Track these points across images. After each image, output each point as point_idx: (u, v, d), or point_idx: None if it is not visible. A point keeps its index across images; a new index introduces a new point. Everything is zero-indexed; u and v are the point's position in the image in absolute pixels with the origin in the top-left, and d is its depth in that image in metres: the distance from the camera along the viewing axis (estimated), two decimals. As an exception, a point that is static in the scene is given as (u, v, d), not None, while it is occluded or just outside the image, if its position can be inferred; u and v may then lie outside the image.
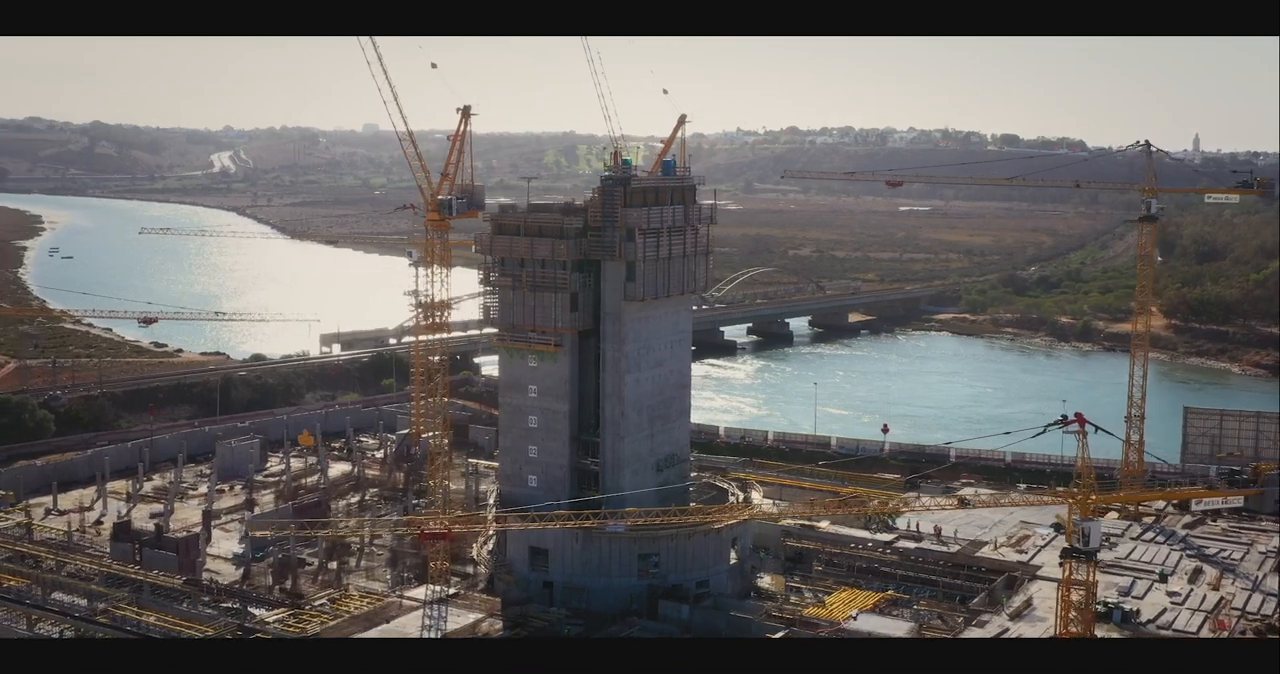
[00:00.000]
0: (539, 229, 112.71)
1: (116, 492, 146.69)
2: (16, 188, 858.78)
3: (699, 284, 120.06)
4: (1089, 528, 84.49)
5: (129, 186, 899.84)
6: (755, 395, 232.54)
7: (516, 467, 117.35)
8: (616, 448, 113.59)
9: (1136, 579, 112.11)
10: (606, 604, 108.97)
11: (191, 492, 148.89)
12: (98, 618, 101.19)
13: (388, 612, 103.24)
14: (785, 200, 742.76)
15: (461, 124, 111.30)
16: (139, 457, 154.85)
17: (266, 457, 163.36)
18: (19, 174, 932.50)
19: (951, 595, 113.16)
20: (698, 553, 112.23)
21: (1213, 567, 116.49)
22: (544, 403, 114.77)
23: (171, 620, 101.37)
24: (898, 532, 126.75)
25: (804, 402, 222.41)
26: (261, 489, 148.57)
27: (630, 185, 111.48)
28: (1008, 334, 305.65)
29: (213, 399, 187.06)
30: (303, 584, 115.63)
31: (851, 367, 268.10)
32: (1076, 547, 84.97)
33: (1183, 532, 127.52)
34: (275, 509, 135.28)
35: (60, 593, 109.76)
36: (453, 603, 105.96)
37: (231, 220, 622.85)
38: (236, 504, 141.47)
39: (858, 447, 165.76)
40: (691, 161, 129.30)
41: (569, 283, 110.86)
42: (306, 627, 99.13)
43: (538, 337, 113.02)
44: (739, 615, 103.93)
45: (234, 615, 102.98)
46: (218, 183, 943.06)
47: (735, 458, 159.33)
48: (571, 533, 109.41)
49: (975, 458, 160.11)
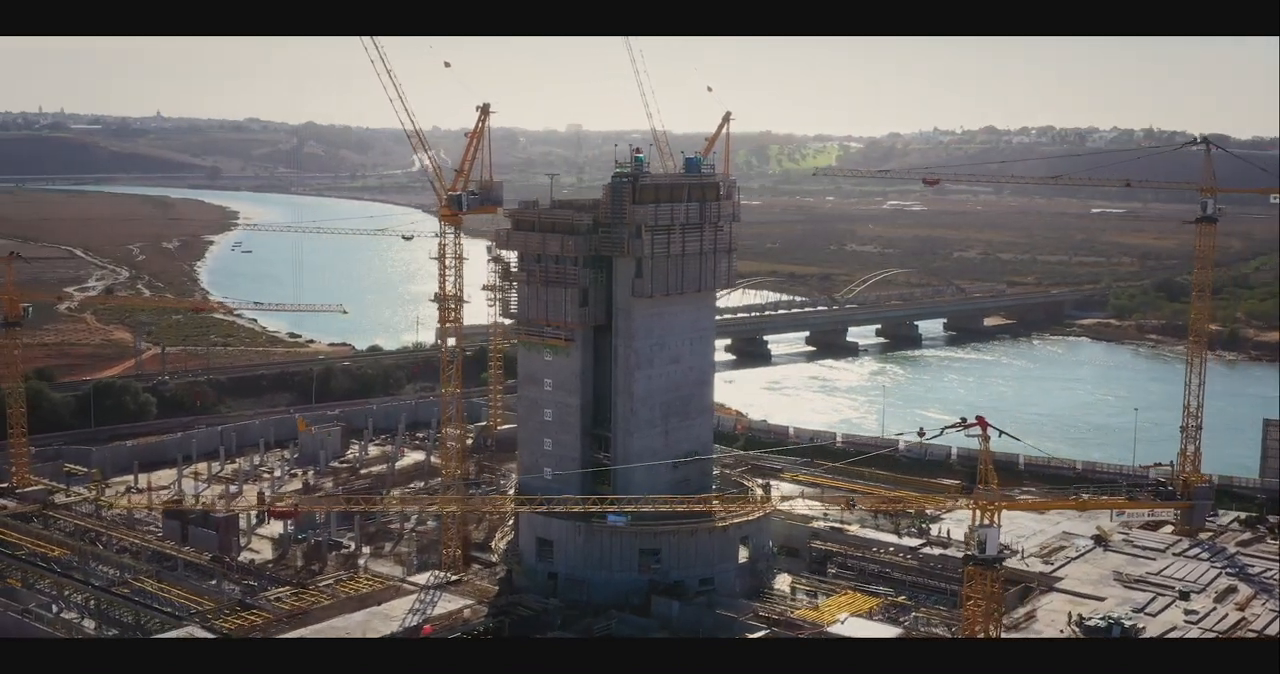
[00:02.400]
0: (552, 225, 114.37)
1: (198, 473, 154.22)
2: (228, 185, 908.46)
3: (719, 281, 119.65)
4: (985, 534, 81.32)
5: (330, 185, 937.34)
6: (857, 397, 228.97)
7: (533, 459, 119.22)
8: (627, 443, 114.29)
9: (1158, 596, 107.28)
10: (607, 598, 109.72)
11: (267, 475, 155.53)
12: (115, 590, 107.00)
13: (384, 595, 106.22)
14: (974, 201, 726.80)
15: (480, 121, 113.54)
16: (221, 440, 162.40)
17: (347, 444, 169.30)
18: (232, 172, 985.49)
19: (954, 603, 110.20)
20: (702, 550, 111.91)
21: (1251, 586, 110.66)
22: (558, 397, 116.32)
23: (182, 593, 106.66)
24: (928, 537, 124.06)
25: (907, 404, 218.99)
26: (332, 475, 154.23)
27: (639, 182, 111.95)
28: (1150, 341, 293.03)
29: (316, 388, 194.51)
30: (330, 566, 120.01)
31: (971, 371, 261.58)
32: (973, 554, 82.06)
33: (1234, 548, 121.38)
34: (326, 493, 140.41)
35: (101, 565, 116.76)
36: (449, 590, 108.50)
37: (418, 218, 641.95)
38: (298, 488, 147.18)
39: (925, 451, 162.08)
40: (885, 160, 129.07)
41: (578, 278, 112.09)
42: (302, 604, 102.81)
43: (551, 331, 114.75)
44: (724, 614, 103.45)
45: (245, 592, 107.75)
46: (415, 181, 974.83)
47: (797, 458, 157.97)
48: (574, 526, 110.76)
49: (1044, 466, 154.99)
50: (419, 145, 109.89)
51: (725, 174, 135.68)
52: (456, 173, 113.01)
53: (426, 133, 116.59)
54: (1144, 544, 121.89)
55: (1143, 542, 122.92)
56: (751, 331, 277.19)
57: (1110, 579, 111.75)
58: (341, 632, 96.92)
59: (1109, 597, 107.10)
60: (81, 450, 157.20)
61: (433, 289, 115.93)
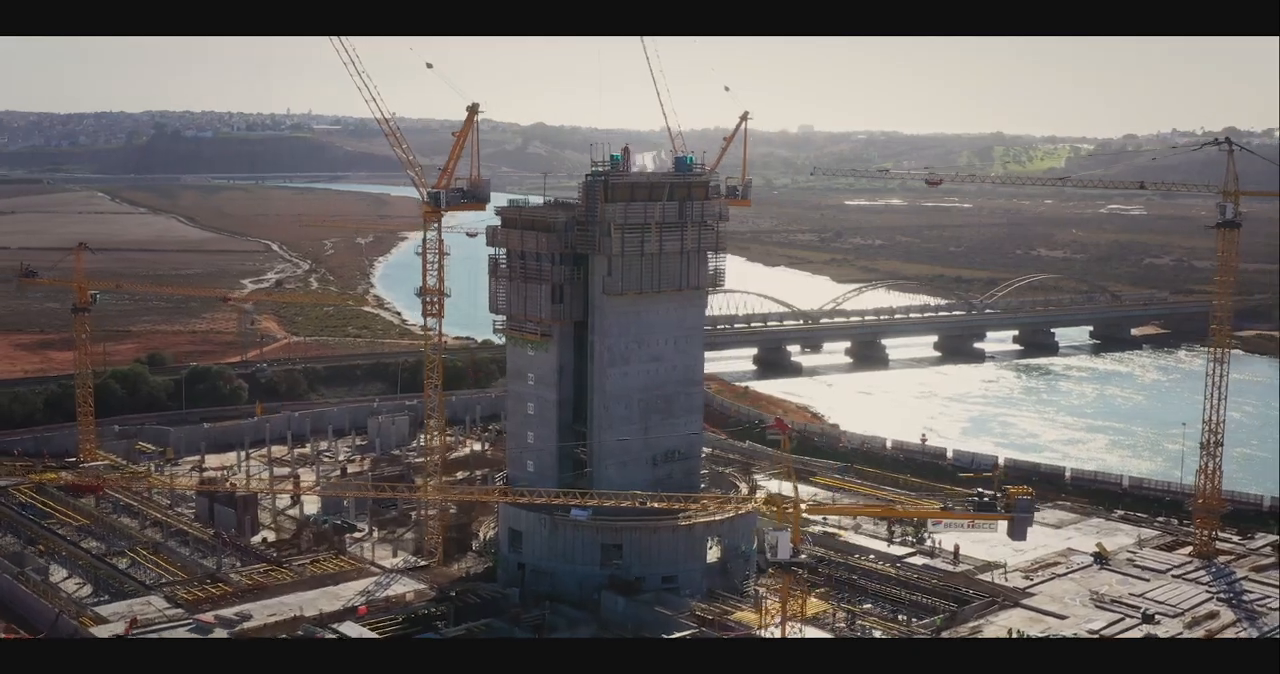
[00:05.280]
0: (532, 223, 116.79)
1: (263, 457, 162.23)
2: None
3: (703, 281, 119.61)
4: (775, 538, 79.23)
5: (538, 184, 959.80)
6: (951, 405, 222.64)
7: (518, 451, 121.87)
8: (601, 439, 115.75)
9: (1126, 617, 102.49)
10: (569, 590, 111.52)
11: (327, 459, 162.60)
12: (107, 559, 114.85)
13: (345, 576, 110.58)
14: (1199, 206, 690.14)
15: (468, 122, 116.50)
16: (288, 426, 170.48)
17: (416, 433, 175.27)
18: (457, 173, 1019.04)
19: (925, 614, 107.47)
20: (665, 548, 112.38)
21: (1236, 613, 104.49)
22: (538, 391, 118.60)
23: (164, 563, 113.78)
24: (916, 547, 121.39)
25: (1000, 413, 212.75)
26: (387, 462, 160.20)
27: (610, 181, 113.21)
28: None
29: (406, 379, 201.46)
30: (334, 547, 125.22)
31: (1096, 382, 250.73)
32: (770, 560, 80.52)
33: (1244, 573, 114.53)
34: (353, 477, 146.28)
35: (113, 536, 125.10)
36: (410, 574, 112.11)
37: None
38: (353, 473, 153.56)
39: (972, 460, 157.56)
40: (1113, 163, 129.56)
41: (552, 274, 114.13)
42: (264, 581, 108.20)
43: (530, 326, 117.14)
44: (661, 611, 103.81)
45: (222, 567, 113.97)
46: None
47: (837, 462, 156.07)
48: (540, 518, 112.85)
49: (1090, 480, 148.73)
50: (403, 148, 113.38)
51: (743, 175, 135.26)
52: (441, 172, 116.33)
53: (642, 134, 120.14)
54: (1145, 564, 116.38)
55: (1146, 561, 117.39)
56: (870, 336, 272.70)
57: (1086, 598, 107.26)
58: (289, 606, 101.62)
59: (1071, 616, 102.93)
60: (161, 431, 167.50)
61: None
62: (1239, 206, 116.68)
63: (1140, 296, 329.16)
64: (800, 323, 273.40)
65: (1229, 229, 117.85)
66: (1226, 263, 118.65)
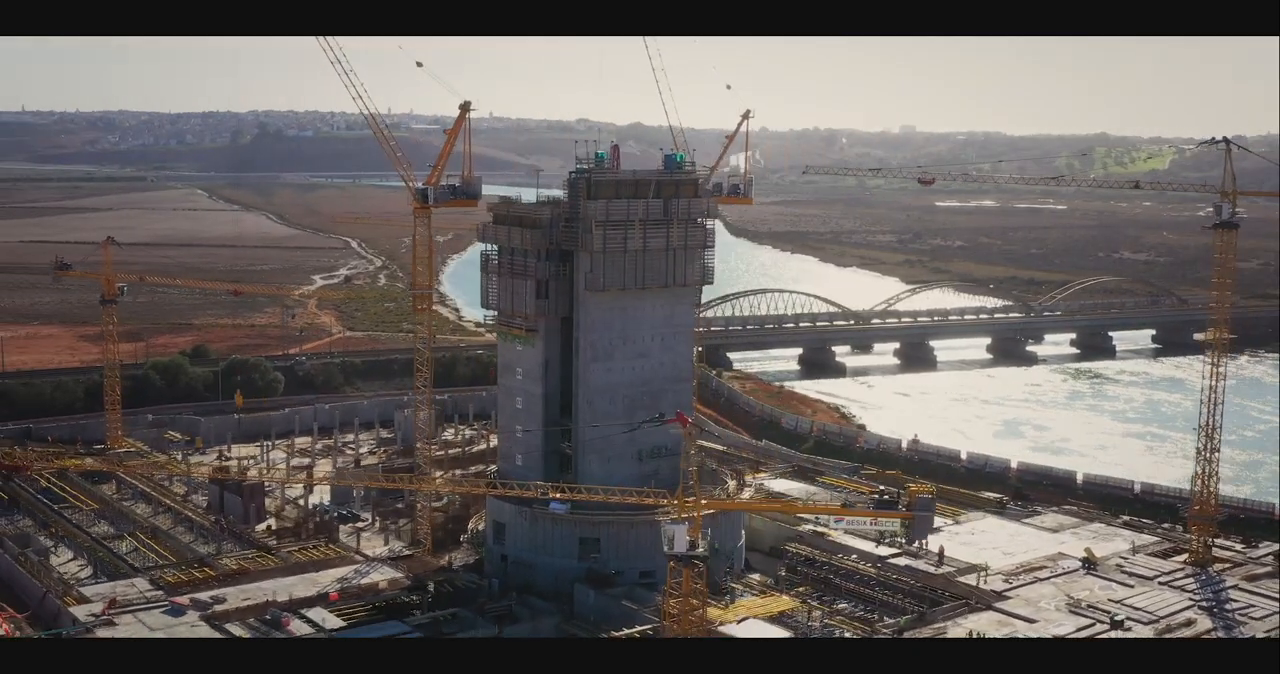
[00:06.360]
0: (519, 219, 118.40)
1: (288, 447, 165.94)
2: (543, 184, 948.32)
3: (690, 278, 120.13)
4: (672, 532, 79.13)
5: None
6: (989, 407, 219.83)
7: (508, 445, 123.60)
8: (584, 434, 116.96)
9: (1096, 622, 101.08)
10: (548, 582, 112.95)
11: (349, 451, 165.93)
12: (105, 542, 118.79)
13: (328, 564, 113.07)
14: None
15: (460, 119, 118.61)
16: (314, 417, 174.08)
17: (442, 427, 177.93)
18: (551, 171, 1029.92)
19: (897, 615, 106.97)
20: (642, 542, 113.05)
21: (1214, 622, 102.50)
22: (526, 385, 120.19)
23: (158, 547, 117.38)
24: (901, 548, 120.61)
25: (1033, 416, 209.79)
26: (407, 455, 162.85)
27: (593, 178, 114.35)
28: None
29: (439, 373, 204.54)
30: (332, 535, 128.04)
31: (1140, 386, 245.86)
32: (672, 553, 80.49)
33: (1234, 581, 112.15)
34: (364, 468, 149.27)
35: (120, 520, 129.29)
36: (390, 563, 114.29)
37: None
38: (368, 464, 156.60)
39: (985, 462, 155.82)
40: (1215, 165, 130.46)
41: (536, 270, 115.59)
42: (248, 566, 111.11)
43: (517, 322, 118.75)
44: (627, 605, 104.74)
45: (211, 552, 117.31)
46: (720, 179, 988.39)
47: (848, 463, 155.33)
48: (521, 511, 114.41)
49: (1102, 485, 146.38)
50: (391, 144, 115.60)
51: (745, 172, 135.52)
52: (432, 168, 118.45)
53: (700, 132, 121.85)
54: (1133, 570, 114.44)
55: (1135, 567, 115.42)
56: (920, 337, 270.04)
57: (1062, 603, 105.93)
58: (265, 591, 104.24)
59: (1041, 620, 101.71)
60: (192, 421, 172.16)
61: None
62: (1235, 206, 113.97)
63: (1207, 300, 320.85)
64: (849, 323, 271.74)
65: (1226, 229, 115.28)
66: (1225, 263, 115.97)
